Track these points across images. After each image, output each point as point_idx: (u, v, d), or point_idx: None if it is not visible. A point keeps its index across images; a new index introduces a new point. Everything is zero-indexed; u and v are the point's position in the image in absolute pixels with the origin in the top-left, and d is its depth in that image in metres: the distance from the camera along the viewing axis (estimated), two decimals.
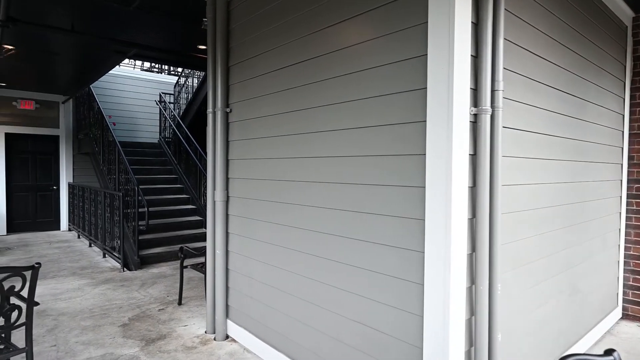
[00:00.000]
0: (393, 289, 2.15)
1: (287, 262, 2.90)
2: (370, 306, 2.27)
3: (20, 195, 8.71)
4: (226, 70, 3.49)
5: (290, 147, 2.85)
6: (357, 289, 2.35)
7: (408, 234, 2.08)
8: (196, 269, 4.37)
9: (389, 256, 2.17)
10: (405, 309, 2.09)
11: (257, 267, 3.22)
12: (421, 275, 2.01)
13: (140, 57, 6.19)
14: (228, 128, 3.53)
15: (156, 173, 8.62)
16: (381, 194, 2.21)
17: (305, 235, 2.73)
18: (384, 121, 2.19)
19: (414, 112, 2.05)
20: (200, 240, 7.05)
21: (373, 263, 2.26)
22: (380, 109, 2.21)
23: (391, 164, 2.16)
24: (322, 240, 2.60)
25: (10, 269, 2.27)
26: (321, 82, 2.58)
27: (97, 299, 4.55)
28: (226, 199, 3.53)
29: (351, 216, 2.38)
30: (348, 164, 2.41)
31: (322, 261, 2.59)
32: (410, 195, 2.06)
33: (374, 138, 2.25)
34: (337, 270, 2.48)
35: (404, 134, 2.09)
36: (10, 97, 8.39)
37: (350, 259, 2.39)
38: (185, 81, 9.98)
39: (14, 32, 4.55)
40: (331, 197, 2.52)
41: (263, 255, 3.15)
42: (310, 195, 2.69)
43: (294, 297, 2.83)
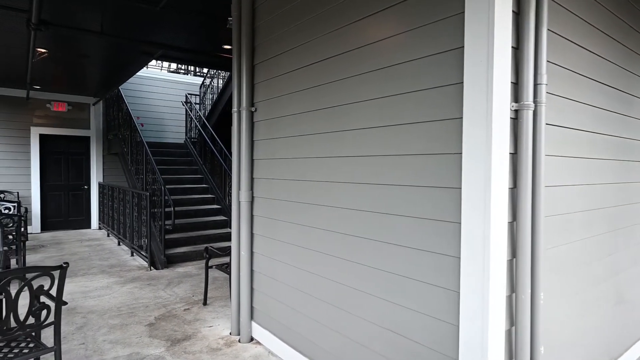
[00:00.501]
0: (426, 295, 2.04)
1: (313, 265, 2.82)
2: (401, 313, 2.17)
3: (53, 195, 9.00)
4: (251, 69, 3.45)
5: (316, 146, 2.77)
6: (387, 294, 2.25)
7: (442, 238, 1.96)
8: (221, 269, 4.35)
9: (421, 261, 2.06)
10: (439, 318, 1.97)
11: (281, 268, 3.16)
12: (456, 282, 1.89)
13: (166, 58, 6.26)
14: (253, 127, 3.49)
15: (182, 173, 8.72)
16: (413, 196, 2.10)
17: (331, 237, 2.65)
18: (415, 119, 2.08)
19: (448, 108, 1.93)
20: (225, 239, 7.08)
21: (404, 268, 2.15)
22: (411, 106, 2.10)
23: (423, 163, 2.05)
24: (349, 242, 2.50)
25: (40, 269, 2.28)
26: (348, 79, 2.49)
27: (124, 297, 4.60)
28: (251, 200, 3.49)
29: (380, 218, 2.28)
30: (377, 163, 2.31)
31: (350, 264, 2.50)
32: (445, 197, 1.94)
33: (405, 136, 2.14)
34: (366, 274, 2.38)
35: (438, 132, 1.98)
36: (44, 100, 8.67)
37: (379, 263, 2.29)
38: (211, 82, 10.07)
39: (46, 35, 4.66)
40: (359, 198, 2.43)
41: (288, 257, 3.09)
42: (337, 196, 2.60)
43: (319, 301, 2.75)
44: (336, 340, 2.61)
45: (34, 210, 8.62)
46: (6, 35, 4.82)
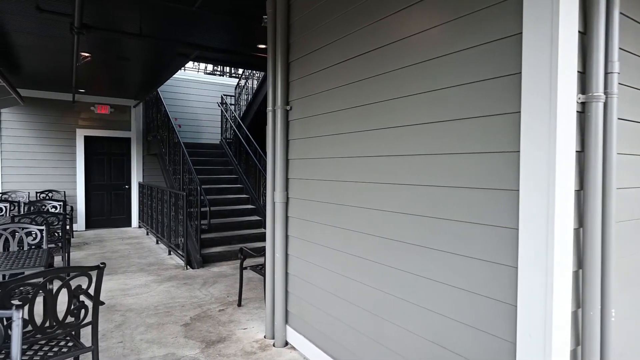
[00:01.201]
0: (477, 308, 1.86)
1: (350, 269, 2.69)
2: (449, 326, 1.99)
3: (97, 194, 9.36)
4: (286, 67, 3.36)
5: (354, 145, 2.64)
6: (432, 304, 2.08)
7: (496, 246, 1.77)
8: (255, 270, 4.30)
9: (473, 270, 1.88)
10: (493, 333, 1.79)
11: (318, 272, 3.05)
12: (513, 295, 1.70)
13: (202, 59, 6.32)
14: (288, 127, 3.40)
15: (218, 173, 8.83)
16: (462, 198, 1.93)
17: (371, 241, 2.51)
18: (466, 114, 1.90)
19: (504, 102, 1.74)
20: (259, 240, 7.07)
21: (453, 277, 1.98)
22: (461, 100, 1.93)
23: (474, 163, 1.87)
24: (390, 247, 2.35)
25: (78, 269, 2.29)
26: (390, 74, 2.34)
27: (161, 296, 4.65)
28: (286, 200, 3.41)
29: (426, 222, 2.12)
30: (421, 163, 2.14)
31: (391, 271, 2.35)
32: (499, 199, 1.76)
33: (454, 134, 1.97)
34: (409, 282, 2.23)
35: (491, 128, 1.79)
36: (89, 103, 9.03)
37: (424, 271, 2.13)
38: (245, 83, 10.16)
39: (88, 39, 4.80)
40: (402, 200, 2.27)
41: (324, 261, 2.97)
42: (377, 197, 2.46)
43: (357, 308, 2.62)
44: (375, 350, 2.47)
45: (79, 209, 8.99)
46: (53, 40, 5.00)
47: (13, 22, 4.38)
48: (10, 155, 8.29)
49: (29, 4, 3.79)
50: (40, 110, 8.55)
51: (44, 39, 4.97)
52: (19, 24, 4.46)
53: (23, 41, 5.04)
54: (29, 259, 3.01)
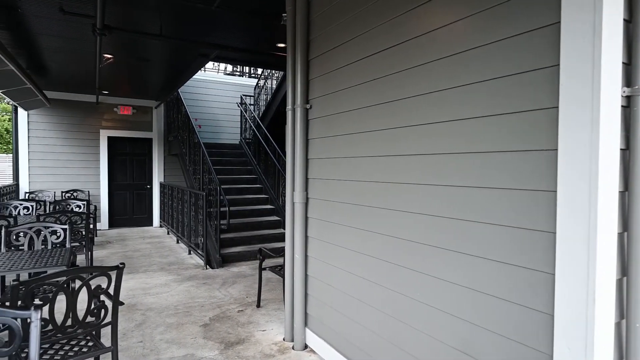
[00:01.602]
0: (508, 316, 1.75)
1: (373, 273, 2.60)
2: (477, 334, 1.89)
3: (119, 193, 9.53)
4: (306, 64, 3.30)
5: (377, 144, 2.55)
6: (460, 311, 1.97)
7: (530, 250, 1.66)
8: (274, 271, 4.26)
9: (504, 276, 1.77)
10: (526, 344, 1.68)
11: (338, 274, 2.97)
12: (548, 303, 1.59)
13: (221, 59, 6.34)
14: (307, 125, 3.34)
15: (237, 173, 8.86)
16: (492, 199, 1.82)
17: (394, 243, 2.41)
18: (497, 110, 1.79)
19: (539, 96, 1.63)
20: (278, 240, 7.04)
21: (481, 282, 1.87)
22: (492, 95, 1.82)
23: (506, 162, 1.76)
24: (415, 251, 2.26)
25: (97, 269, 2.28)
26: (415, 69, 2.25)
27: (181, 295, 4.66)
28: (305, 201, 3.34)
29: (454, 225, 2.01)
30: (448, 162, 2.04)
31: (415, 275, 2.25)
32: (534, 201, 1.64)
33: (483, 131, 1.86)
34: (434, 287, 2.13)
35: (525, 124, 1.68)
36: (112, 104, 9.20)
37: (451, 276, 2.02)
38: (265, 83, 10.17)
39: (110, 40, 4.85)
40: (428, 202, 2.17)
41: (344, 263, 2.89)
42: (400, 198, 2.36)
43: (380, 312, 2.53)
44: (396, 356, 2.38)
45: (102, 208, 9.17)
46: (76, 43, 5.09)
47: (39, 25, 4.47)
48: (38, 156, 8.52)
49: (53, 6, 3.85)
50: (65, 112, 8.75)
51: (68, 42, 5.06)
52: (44, 27, 4.54)
53: (48, 44, 5.14)
54: (51, 258, 3.04)
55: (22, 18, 4.26)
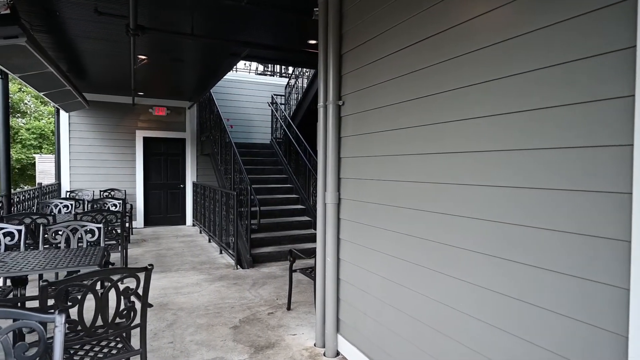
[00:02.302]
0: (570, 334, 1.54)
1: (411, 279, 2.43)
2: (536, 354, 1.68)
3: (154, 193, 9.74)
4: (338, 59, 3.16)
5: (417, 141, 2.38)
6: (514, 327, 1.78)
7: (598, 260, 1.45)
8: (305, 273, 4.15)
9: (565, 288, 1.56)
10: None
11: (372, 280, 2.81)
12: (620, 321, 1.38)
13: (252, 57, 6.30)
14: (340, 123, 3.20)
15: (268, 173, 8.84)
16: (552, 202, 1.61)
17: (434, 249, 2.23)
18: (561, 100, 1.59)
19: (610, 83, 1.41)
20: (309, 240, 6.95)
21: (537, 295, 1.67)
22: (555, 83, 1.61)
23: (569, 159, 1.55)
24: (460, 258, 2.07)
25: (126, 270, 2.23)
26: (462, 57, 2.06)
27: (212, 295, 4.64)
28: (337, 202, 3.20)
29: (508, 231, 1.82)
30: (499, 161, 1.85)
31: (460, 284, 2.06)
32: (604, 204, 1.43)
33: (547, 125, 1.65)
34: (482, 298, 1.93)
35: (593, 116, 1.47)
36: (147, 105, 9.41)
37: (505, 287, 1.83)
38: (295, 82, 10.11)
39: (143, 40, 4.90)
40: (476, 204, 1.98)
41: (380, 268, 2.73)
42: (443, 200, 2.18)
43: (418, 322, 2.35)
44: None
45: (138, 207, 9.40)
46: (112, 45, 5.18)
47: (76, 27, 4.57)
48: (78, 156, 8.83)
49: (89, 8, 3.90)
50: (103, 113, 9.03)
51: (104, 44, 5.15)
52: (81, 30, 4.64)
53: (86, 46, 5.26)
54: (85, 257, 3.06)
55: (61, 21, 4.36)
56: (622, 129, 1.37)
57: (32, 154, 23.27)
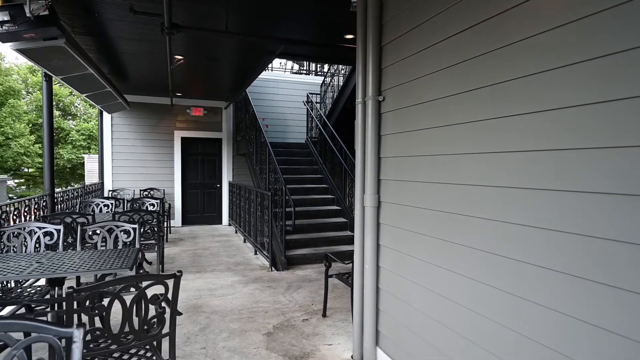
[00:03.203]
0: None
1: (460, 294, 2.17)
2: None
3: (192, 192, 9.86)
4: (378, 51, 2.93)
5: (469, 139, 2.12)
6: (581, 353, 1.49)
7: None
8: (342, 279, 3.94)
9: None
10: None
11: (415, 291, 2.57)
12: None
13: (287, 55, 6.17)
14: (380, 120, 2.96)
15: (303, 173, 8.71)
16: (629, 211, 1.32)
17: (489, 260, 1.97)
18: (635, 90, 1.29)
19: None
20: (345, 243, 6.74)
21: (613, 319, 1.38)
22: (629, 69, 1.32)
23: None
24: (519, 271, 1.80)
25: (153, 277, 2.12)
26: (527, 41, 1.78)
27: (246, 299, 4.53)
28: (377, 205, 2.97)
29: (573, 241, 1.53)
30: (570, 160, 1.56)
31: (519, 302, 1.79)
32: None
33: (622, 118, 1.36)
34: (545, 318, 1.65)
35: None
36: (185, 106, 9.54)
37: (567, 306, 1.54)
38: (331, 80, 9.92)
39: (179, 39, 4.88)
40: (537, 211, 1.70)
41: (424, 279, 2.48)
42: (499, 206, 1.91)
43: (468, 342, 2.09)
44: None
45: (176, 206, 9.55)
46: (149, 45, 5.20)
47: (114, 28, 4.60)
48: (119, 156, 9.08)
49: (124, 8, 3.89)
50: (143, 114, 9.24)
51: (141, 45, 5.18)
52: (119, 30, 4.67)
53: (124, 47, 5.32)
54: (118, 259, 3.01)
55: (99, 22, 4.40)
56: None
57: (82, 154, 24.55)
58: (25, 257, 3.06)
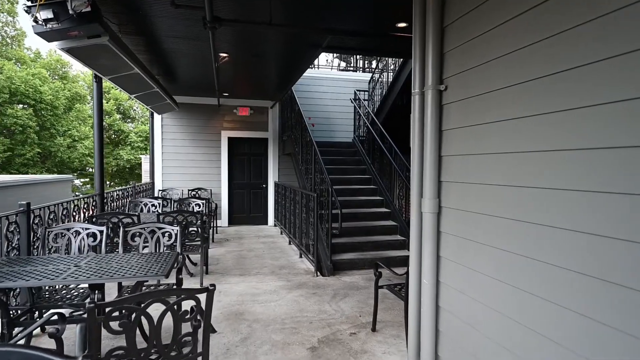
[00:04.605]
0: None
1: (544, 322, 1.74)
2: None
3: (238, 192, 9.85)
4: (439, 33, 2.53)
5: (559, 133, 1.68)
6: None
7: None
8: (393, 291, 3.57)
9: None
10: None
11: (484, 314, 2.15)
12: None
13: (333, 48, 5.85)
14: (441, 112, 2.57)
15: (350, 173, 8.37)
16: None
17: (583, 283, 1.53)
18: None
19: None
20: (394, 248, 6.32)
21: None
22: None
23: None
24: (619, 297, 1.35)
25: (183, 292, 1.89)
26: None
27: (289, 306, 4.28)
28: (437, 211, 2.58)
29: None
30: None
31: (621, 337, 1.35)
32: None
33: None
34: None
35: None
36: (232, 106, 9.53)
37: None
38: (380, 76, 9.49)
39: (222, 36, 4.72)
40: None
41: (496, 300, 2.06)
42: (593, 215, 1.47)
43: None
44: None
45: (223, 206, 9.56)
46: (193, 44, 5.11)
47: (157, 25, 4.53)
48: (169, 156, 9.23)
49: (166, 2, 3.77)
50: (191, 115, 9.33)
51: (186, 43, 5.10)
52: (163, 28, 4.60)
53: (169, 45, 5.27)
54: (156, 264, 2.85)
55: (144, 20, 4.34)
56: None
57: (140, 154, 25.87)
58: (65, 259, 2.98)
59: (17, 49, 25.10)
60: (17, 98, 21.76)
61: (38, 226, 3.71)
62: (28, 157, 22.17)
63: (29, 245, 3.51)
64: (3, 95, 20.87)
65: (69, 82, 25.77)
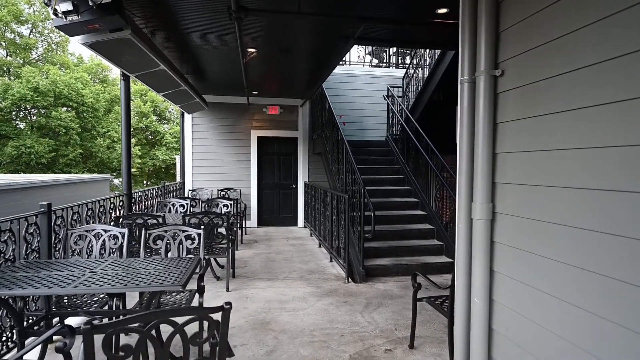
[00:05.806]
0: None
1: (625, 355, 1.35)
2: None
3: (267, 193, 9.67)
4: (494, 9, 2.16)
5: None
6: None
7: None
8: (434, 305, 3.20)
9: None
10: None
11: (549, 341, 1.77)
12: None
13: (365, 40, 5.49)
14: (496, 102, 2.19)
15: (383, 173, 7.98)
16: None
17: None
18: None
19: None
20: (430, 253, 5.91)
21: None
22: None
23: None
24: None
25: (193, 311, 1.63)
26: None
27: (319, 316, 3.99)
28: (491, 217, 2.20)
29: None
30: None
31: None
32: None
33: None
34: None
35: None
36: (261, 104, 9.36)
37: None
38: (415, 71, 9.03)
39: (249, 29, 4.49)
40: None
41: (569, 329, 1.68)
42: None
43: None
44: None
45: (252, 207, 9.40)
46: (220, 38, 4.92)
47: (183, 18, 4.36)
48: (199, 156, 9.17)
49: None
50: (221, 114, 9.23)
51: (213, 38, 4.92)
52: (189, 21, 4.43)
53: (197, 41, 5.11)
54: (175, 271, 2.63)
55: (169, 14, 4.17)
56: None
57: (174, 155, 26.47)
58: (82, 265, 2.82)
59: (61, 54, 26.31)
60: (61, 101, 22.75)
61: (60, 227, 3.61)
62: (71, 157, 23.14)
63: (49, 248, 3.39)
64: (48, 99, 21.87)
65: (108, 85, 26.74)
